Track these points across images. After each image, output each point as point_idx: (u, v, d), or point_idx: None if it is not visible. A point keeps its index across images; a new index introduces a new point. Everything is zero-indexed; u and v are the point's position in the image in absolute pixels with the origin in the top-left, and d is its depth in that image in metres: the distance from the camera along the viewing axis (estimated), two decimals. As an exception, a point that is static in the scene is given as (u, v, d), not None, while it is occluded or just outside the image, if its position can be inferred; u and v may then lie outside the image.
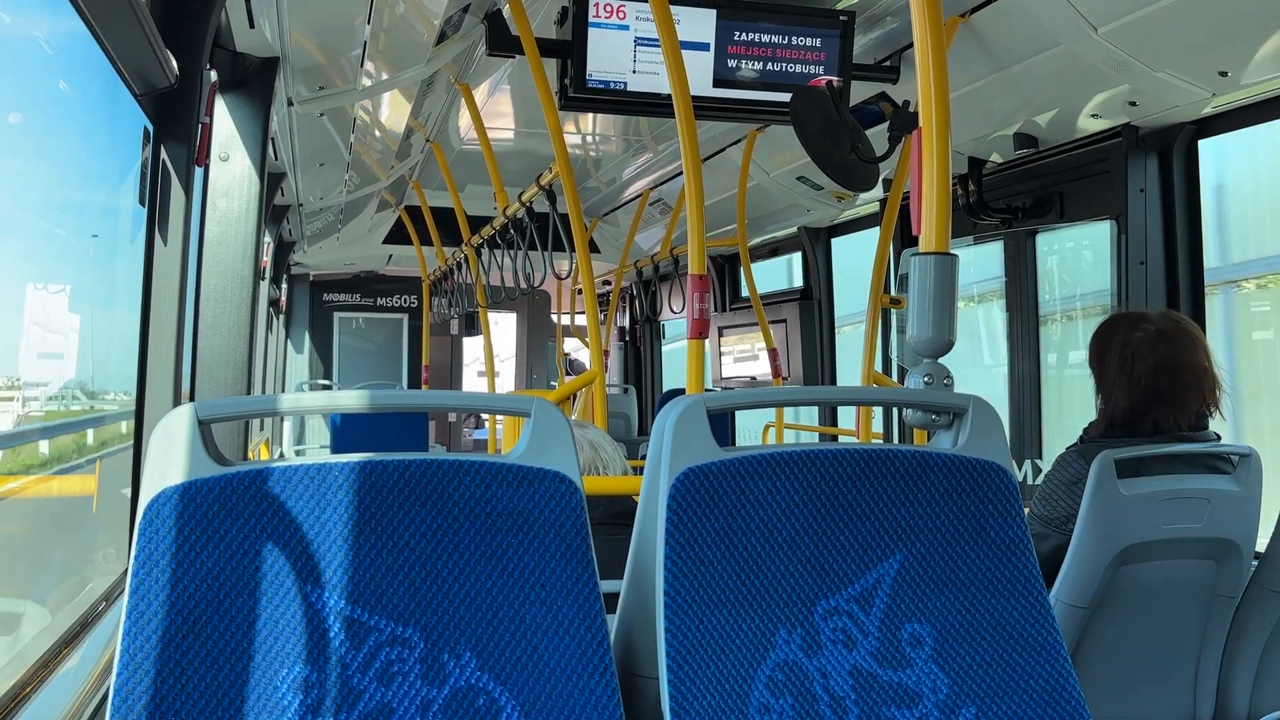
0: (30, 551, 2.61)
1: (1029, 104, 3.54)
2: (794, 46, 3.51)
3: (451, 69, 4.26)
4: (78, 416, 3.06)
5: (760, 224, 6.04)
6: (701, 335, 2.99)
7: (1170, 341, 2.47)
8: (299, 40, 3.22)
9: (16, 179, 2.28)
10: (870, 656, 1.38)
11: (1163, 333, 2.48)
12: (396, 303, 10.30)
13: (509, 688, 1.30)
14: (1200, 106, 3.22)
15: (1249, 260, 3.81)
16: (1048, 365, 4.22)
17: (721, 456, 1.38)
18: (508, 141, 5.71)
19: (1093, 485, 2.26)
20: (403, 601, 1.31)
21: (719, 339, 7.45)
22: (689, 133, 2.92)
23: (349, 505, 1.31)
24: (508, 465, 1.36)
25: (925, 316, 1.71)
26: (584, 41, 3.34)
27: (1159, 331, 2.49)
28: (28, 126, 2.22)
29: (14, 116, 2.11)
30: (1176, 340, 2.47)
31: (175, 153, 2.31)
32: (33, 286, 2.48)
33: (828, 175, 3.29)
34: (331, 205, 6.48)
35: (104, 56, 2.01)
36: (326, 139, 4.65)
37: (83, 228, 2.89)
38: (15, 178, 2.26)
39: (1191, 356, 2.47)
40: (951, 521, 1.44)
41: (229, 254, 2.75)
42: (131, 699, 1.20)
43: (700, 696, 1.28)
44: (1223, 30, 2.77)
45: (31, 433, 2.72)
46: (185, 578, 1.25)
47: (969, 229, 4.23)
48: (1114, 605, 2.31)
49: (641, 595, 1.42)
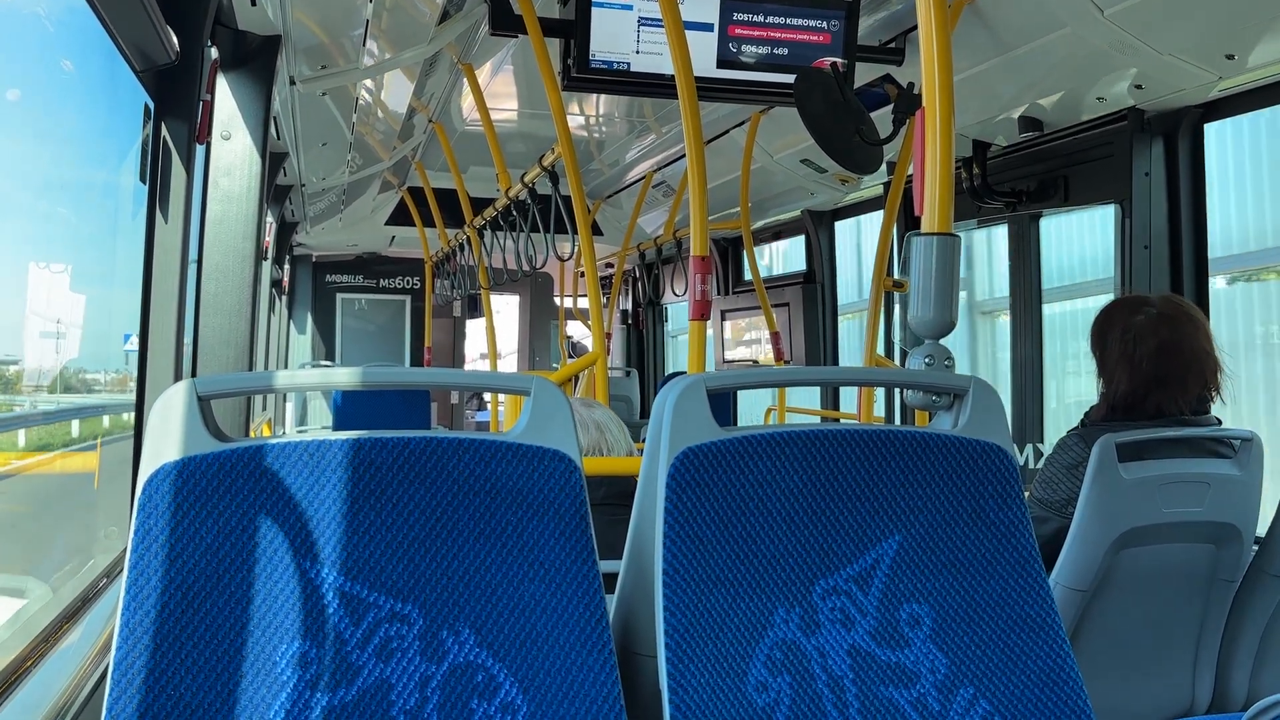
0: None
1: (1034, 87, 3.52)
2: (798, 28, 3.49)
3: (454, 49, 4.24)
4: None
5: (764, 207, 6.03)
6: (703, 317, 2.99)
7: (1172, 324, 2.46)
8: (301, 18, 3.21)
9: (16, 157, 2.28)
10: (868, 636, 1.38)
11: (1164, 315, 2.48)
12: (399, 284, 10.29)
13: (507, 664, 1.30)
14: (1207, 90, 3.20)
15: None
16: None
17: (721, 436, 1.38)
18: (510, 122, 5.69)
19: (1093, 469, 2.26)
20: (401, 578, 1.31)
21: (722, 322, 7.44)
22: (692, 114, 2.91)
23: (348, 482, 1.31)
24: (507, 443, 1.36)
25: (927, 297, 1.70)
26: (587, 21, 3.32)
27: (1160, 314, 2.48)
28: (27, 102, 2.22)
29: (12, 93, 2.11)
30: (1178, 323, 2.47)
31: (176, 130, 2.31)
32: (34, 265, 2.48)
33: (831, 157, 3.29)
34: (334, 186, 6.47)
35: (104, 32, 2.00)
36: (329, 118, 4.64)
37: (82, 205, 2.89)
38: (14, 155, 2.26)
39: (1193, 340, 2.46)
40: (951, 502, 1.44)
41: (230, 233, 2.74)
42: (131, 673, 1.21)
43: (698, 675, 1.28)
44: (1230, 13, 2.75)
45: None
46: (184, 553, 1.25)
47: (973, 212, 4.21)
48: (1114, 589, 2.31)
49: (640, 574, 1.42)
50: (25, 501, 2.91)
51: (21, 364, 2.57)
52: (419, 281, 9.97)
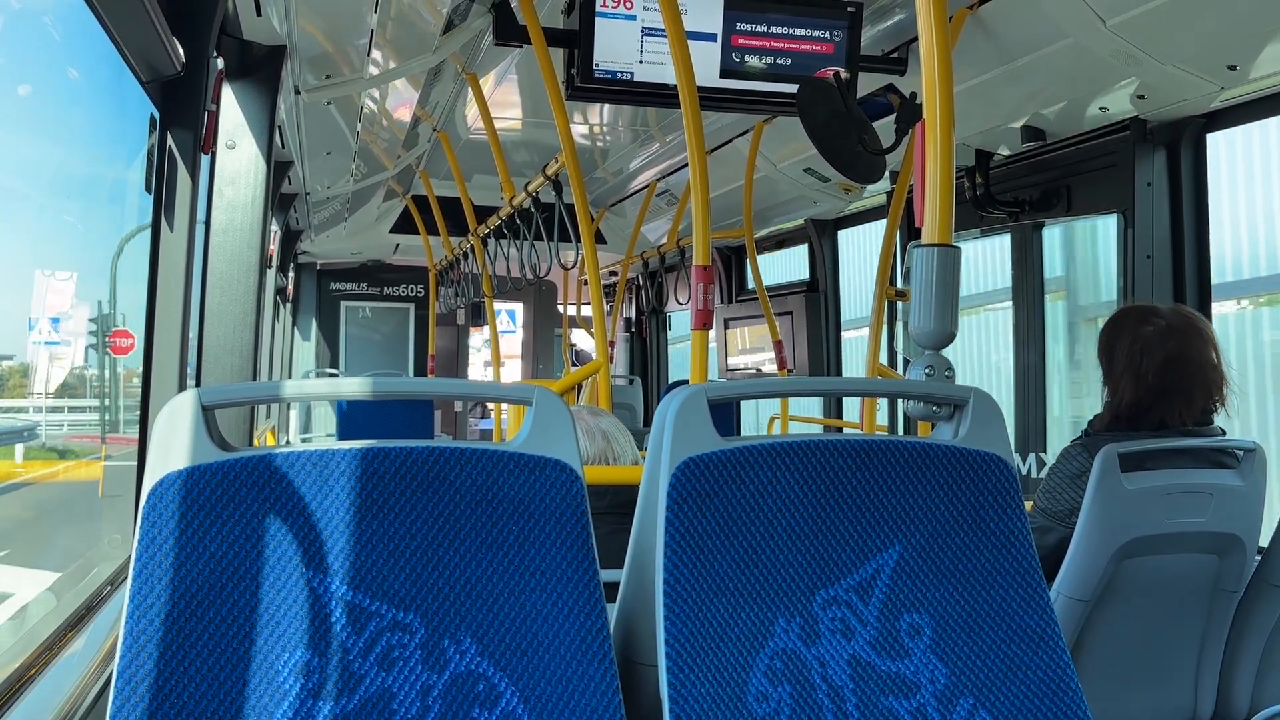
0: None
1: (1037, 97, 3.52)
2: (801, 38, 3.51)
3: (459, 58, 4.26)
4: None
5: (767, 216, 6.04)
6: (705, 326, 2.99)
7: (1180, 337, 2.46)
8: (306, 28, 3.22)
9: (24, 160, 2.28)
10: (868, 646, 1.38)
11: (1173, 328, 2.47)
12: (403, 292, 10.30)
13: (509, 674, 1.31)
14: (1209, 100, 3.21)
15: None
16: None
17: (722, 446, 1.38)
18: (514, 132, 5.71)
19: (1096, 478, 2.26)
20: (404, 587, 1.31)
21: (725, 331, 7.44)
22: (694, 124, 2.92)
23: (351, 491, 1.31)
24: (509, 453, 1.37)
25: (928, 308, 1.71)
26: (591, 31, 3.33)
27: (1169, 326, 2.47)
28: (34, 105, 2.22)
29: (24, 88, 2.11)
30: (1187, 336, 2.46)
31: (182, 140, 2.32)
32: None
33: (834, 167, 3.30)
34: (338, 194, 6.49)
35: (110, 43, 2.01)
36: (333, 128, 4.65)
37: (89, 211, 2.89)
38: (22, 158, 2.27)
39: (1200, 353, 2.46)
40: (951, 512, 1.45)
41: (235, 241, 2.75)
42: (134, 681, 1.21)
43: (699, 684, 1.29)
44: (1232, 24, 2.76)
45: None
46: (188, 562, 1.26)
47: (976, 222, 4.22)
48: (1116, 599, 2.31)
49: (641, 584, 1.43)
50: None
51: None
52: (423, 290, 9.99)
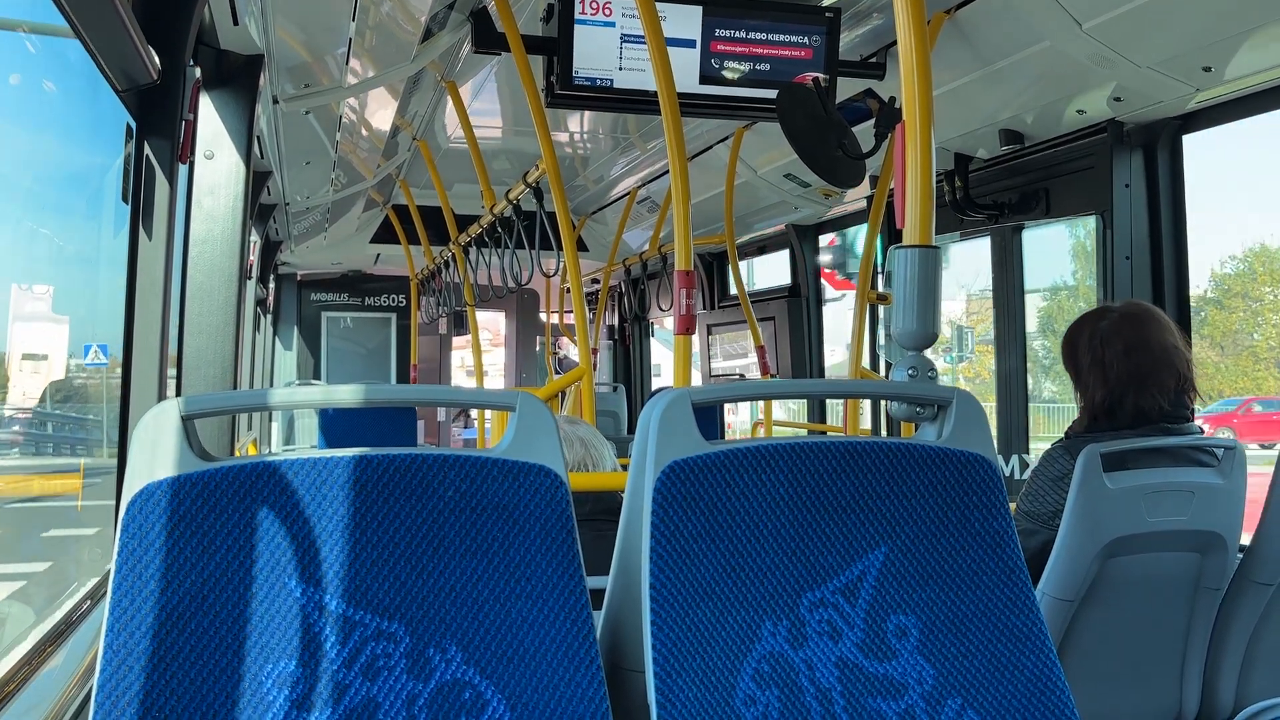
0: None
1: (1014, 100, 3.54)
2: (780, 43, 3.52)
3: (437, 66, 4.25)
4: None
5: (748, 221, 6.04)
6: (688, 331, 3.00)
7: (1136, 323, 2.50)
8: (284, 37, 3.21)
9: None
10: (856, 648, 1.38)
11: (1127, 315, 2.52)
12: (385, 302, 10.28)
13: (495, 681, 1.30)
14: (1185, 102, 3.23)
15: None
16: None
17: (706, 450, 1.38)
18: (495, 140, 5.70)
19: (1079, 479, 2.27)
20: (388, 596, 1.30)
21: (708, 336, 7.45)
22: (675, 130, 2.92)
23: (334, 500, 1.30)
24: (493, 459, 1.36)
25: (910, 309, 1.71)
26: (570, 38, 3.33)
27: (1123, 315, 2.53)
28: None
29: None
30: (1141, 321, 2.51)
31: (159, 149, 2.30)
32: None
33: (814, 171, 3.30)
34: (318, 204, 6.46)
35: (85, 51, 2.00)
36: (312, 137, 4.64)
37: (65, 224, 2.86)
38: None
39: (1159, 336, 2.49)
40: (936, 513, 1.45)
41: (214, 252, 2.74)
42: (115, 695, 1.20)
43: (686, 689, 1.28)
44: (1207, 26, 2.78)
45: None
46: (169, 574, 1.25)
47: (955, 225, 4.23)
48: (1100, 598, 2.32)
49: (627, 589, 1.42)
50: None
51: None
52: (404, 299, 9.97)
